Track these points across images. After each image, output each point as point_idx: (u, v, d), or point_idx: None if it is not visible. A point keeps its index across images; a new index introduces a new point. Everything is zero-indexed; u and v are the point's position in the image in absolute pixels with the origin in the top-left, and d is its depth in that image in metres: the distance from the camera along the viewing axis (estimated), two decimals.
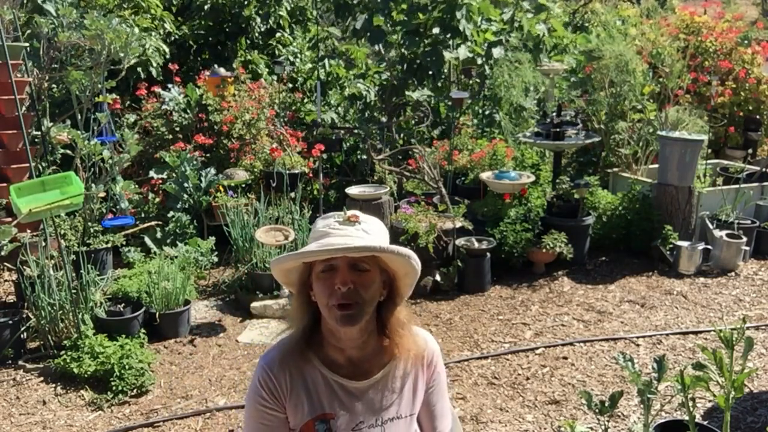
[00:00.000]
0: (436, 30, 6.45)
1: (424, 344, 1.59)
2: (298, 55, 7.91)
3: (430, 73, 6.67)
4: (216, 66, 6.50)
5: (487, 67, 6.79)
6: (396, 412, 1.53)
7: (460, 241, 4.83)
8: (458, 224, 4.84)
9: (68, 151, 5.37)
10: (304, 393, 1.49)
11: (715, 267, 5.05)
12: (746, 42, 7.31)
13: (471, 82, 7.05)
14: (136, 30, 5.15)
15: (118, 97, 5.51)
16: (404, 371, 1.55)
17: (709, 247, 5.06)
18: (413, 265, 1.45)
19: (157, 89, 6.03)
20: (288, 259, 1.47)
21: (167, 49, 6.65)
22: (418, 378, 1.58)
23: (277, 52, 7.88)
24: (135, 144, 5.04)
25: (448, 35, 6.45)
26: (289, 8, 7.96)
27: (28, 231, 4.12)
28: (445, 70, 7.11)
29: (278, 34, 8.03)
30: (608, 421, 2.17)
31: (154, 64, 6.46)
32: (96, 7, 6.25)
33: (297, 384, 1.49)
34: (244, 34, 7.89)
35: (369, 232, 1.45)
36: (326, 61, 7.17)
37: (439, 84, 7.09)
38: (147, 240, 5.01)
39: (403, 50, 6.67)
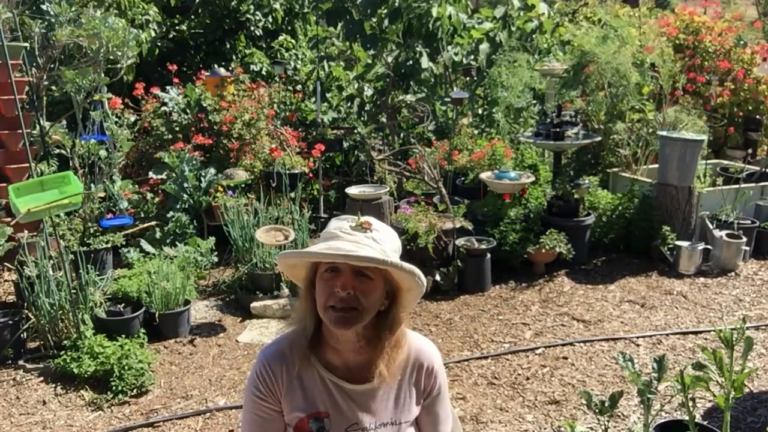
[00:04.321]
0: (410, 39, 6.53)
1: (422, 355, 1.58)
2: (299, 58, 7.91)
3: (419, 78, 6.76)
4: (215, 66, 6.50)
5: (473, 63, 6.82)
6: (390, 418, 1.53)
7: (460, 241, 4.83)
8: (458, 224, 4.84)
9: (62, 151, 5.37)
10: (300, 390, 1.50)
11: (715, 267, 5.05)
12: (742, 43, 7.31)
13: (467, 79, 7.06)
14: (112, 18, 5.05)
15: (113, 96, 5.50)
16: (402, 379, 1.55)
17: (709, 247, 5.06)
18: (417, 282, 1.45)
19: (156, 90, 6.02)
20: (293, 256, 1.48)
21: (146, 47, 6.54)
22: (413, 386, 1.57)
23: (279, 56, 7.88)
24: (127, 141, 5.02)
25: (424, 41, 6.51)
26: (283, 2, 7.94)
27: (26, 231, 4.12)
28: (445, 73, 7.12)
29: (281, 37, 8.03)
30: (608, 421, 2.17)
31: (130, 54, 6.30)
32: (88, 3, 6.20)
33: (293, 380, 1.50)
34: (243, 30, 7.87)
35: (379, 242, 1.44)
36: (326, 62, 7.18)
37: (425, 89, 7.13)
38: (143, 242, 4.98)
39: (386, 58, 6.74)
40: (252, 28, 7.85)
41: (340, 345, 1.50)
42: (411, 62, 6.51)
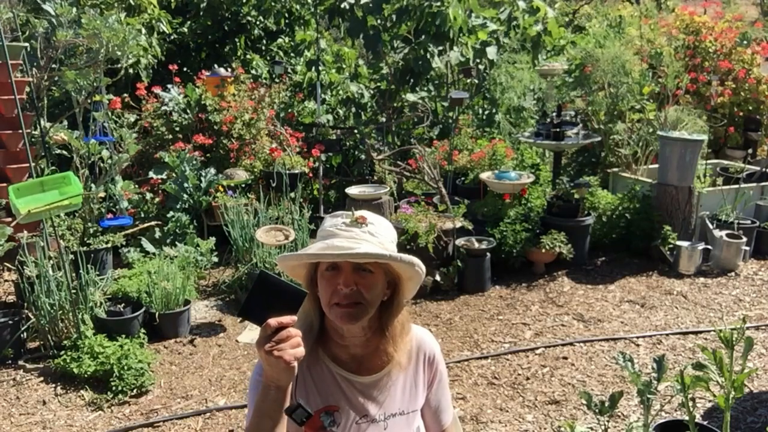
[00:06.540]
0: (423, 37, 6.52)
1: (424, 344, 1.61)
2: (296, 59, 7.93)
3: (426, 77, 6.76)
4: (216, 66, 6.50)
5: (480, 66, 6.81)
6: (398, 408, 1.55)
7: (460, 241, 4.83)
8: (458, 224, 4.84)
9: (63, 152, 5.36)
10: (309, 385, 1.51)
11: (715, 267, 5.05)
12: (745, 42, 7.31)
13: (469, 81, 7.07)
14: (113, 18, 5.07)
15: (115, 96, 5.51)
16: (406, 369, 1.57)
17: (709, 247, 5.05)
18: (417, 271, 1.47)
19: (157, 89, 6.02)
20: (292, 259, 1.49)
21: (159, 49, 6.60)
22: (419, 375, 1.60)
23: (278, 57, 7.90)
24: (133, 143, 5.04)
25: (435, 40, 6.50)
26: (288, 6, 7.96)
27: (26, 231, 4.12)
28: (447, 72, 7.13)
29: (280, 39, 8.05)
30: (608, 421, 2.17)
31: (143, 63, 6.36)
32: (91, 6, 6.22)
33: (302, 375, 1.50)
34: (244, 32, 7.89)
35: (376, 235, 1.45)
36: (314, 66, 7.17)
37: (431, 87, 7.13)
38: (144, 242, 4.98)
39: (392, 56, 6.73)
40: (254, 31, 7.86)
41: (346, 340, 1.51)
42: (422, 61, 6.49)
